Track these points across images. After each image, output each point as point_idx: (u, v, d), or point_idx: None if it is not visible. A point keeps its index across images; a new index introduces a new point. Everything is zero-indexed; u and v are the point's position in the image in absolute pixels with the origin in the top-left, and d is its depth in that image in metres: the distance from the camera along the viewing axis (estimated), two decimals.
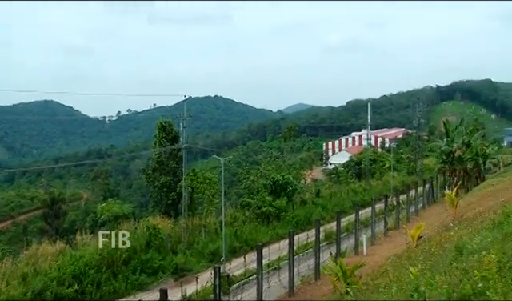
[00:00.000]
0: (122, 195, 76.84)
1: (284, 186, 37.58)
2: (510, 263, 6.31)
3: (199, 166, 64.60)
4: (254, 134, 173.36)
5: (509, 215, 10.11)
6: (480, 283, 5.85)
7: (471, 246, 8.65)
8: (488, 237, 8.93)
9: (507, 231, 8.43)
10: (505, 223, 9.56)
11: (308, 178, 55.12)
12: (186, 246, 27.89)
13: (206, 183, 33.91)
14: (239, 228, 31.32)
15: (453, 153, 43.87)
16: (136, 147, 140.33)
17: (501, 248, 7.40)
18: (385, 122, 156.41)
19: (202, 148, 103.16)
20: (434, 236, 15.18)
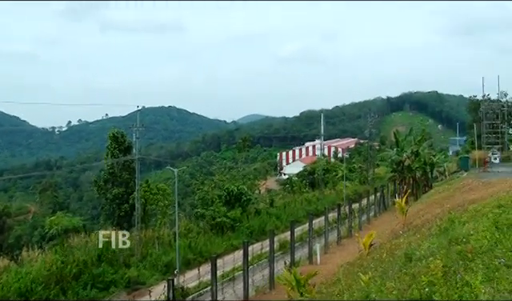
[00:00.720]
0: (72, 208, 74.60)
1: (238, 196, 37.59)
2: (455, 268, 6.55)
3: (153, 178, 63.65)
4: (208, 145, 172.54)
5: (454, 222, 10.50)
6: (427, 288, 6.04)
7: (419, 253, 8.91)
8: (435, 243, 9.23)
9: (452, 237, 8.74)
10: (450, 229, 9.92)
11: (262, 189, 55.31)
12: (139, 259, 27.36)
13: (159, 195, 33.45)
14: (193, 240, 31.02)
15: (402, 162, 45.20)
16: (87, 158, 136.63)
17: (446, 253, 7.67)
18: (338, 132, 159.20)
19: (156, 159, 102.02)
20: (384, 244, 15.55)
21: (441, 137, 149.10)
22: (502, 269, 6.12)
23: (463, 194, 23.08)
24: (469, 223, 10.11)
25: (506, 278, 5.77)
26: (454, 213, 12.10)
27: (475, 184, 26.32)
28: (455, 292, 5.71)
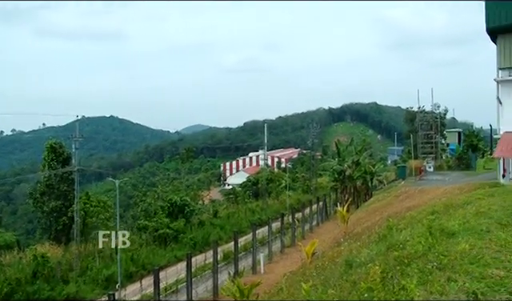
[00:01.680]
0: (4, 223, 70.89)
1: (182, 207, 37.18)
2: (392, 273, 6.76)
3: (93, 190, 61.81)
4: (151, 156, 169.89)
5: (392, 229, 10.84)
6: (366, 294, 6.19)
7: (359, 260, 9.13)
8: (374, 250, 9.49)
9: (390, 243, 9.02)
10: (388, 236, 10.23)
11: (206, 199, 54.96)
12: (79, 274, 26.42)
13: (100, 207, 32.55)
14: (136, 252, 30.35)
15: (344, 171, 46.29)
16: (22, 170, 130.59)
17: (384, 259, 7.90)
18: (281, 142, 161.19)
19: (96, 170, 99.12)
20: (326, 252, 15.81)
21: (380, 147, 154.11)
22: (435, 272, 6.38)
23: (401, 202, 23.92)
24: (406, 230, 10.47)
25: (438, 280, 6.03)
26: (392, 220, 12.51)
27: (412, 192, 27.34)
28: (392, 296, 5.89)
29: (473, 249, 7.14)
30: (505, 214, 9.64)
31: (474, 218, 9.69)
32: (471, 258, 6.78)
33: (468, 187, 20.24)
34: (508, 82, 27.28)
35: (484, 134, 60.24)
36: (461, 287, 5.75)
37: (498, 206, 10.60)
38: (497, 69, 27.87)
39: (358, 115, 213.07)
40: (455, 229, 8.72)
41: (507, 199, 11.22)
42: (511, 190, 12.53)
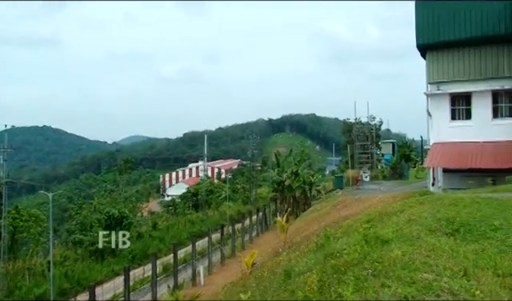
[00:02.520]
0: None
1: (119, 220, 36.25)
2: (329, 281, 6.88)
3: (24, 203, 58.92)
4: (87, 167, 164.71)
5: (329, 237, 11.05)
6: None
7: (298, 269, 9.24)
8: (312, 259, 9.63)
9: (327, 252, 9.19)
10: (326, 245, 10.42)
11: (145, 211, 53.95)
12: (6, 294, 25.05)
13: (31, 221, 31.15)
14: (70, 268, 29.22)
15: (283, 182, 46.83)
16: None
17: (322, 268, 8.04)
18: (221, 153, 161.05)
19: (28, 183, 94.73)
20: (266, 262, 15.87)
21: (319, 157, 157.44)
22: (370, 279, 6.57)
23: (338, 211, 24.48)
24: (342, 238, 10.71)
25: (373, 287, 6.21)
26: (329, 229, 12.76)
27: (349, 201, 28.05)
28: None
29: (405, 255, 7.41)
30: (434, 221, 10.09)
31: (406, 226, 10.07)
32: (403, 264, 7.03)
33: (401, 196, 21.02)
34: (436, 96, 28.72)
35: (416, 144, 63.03)
36: (393, 292, 5.95)
37: (428, 213, 11.07)
38: (426, 83, 29.29)
39: (298, 126, 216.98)
40: (389, 236, 9.01)
41: (436, 206, 11.75)
42: (439, 198, 13.13)
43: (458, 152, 26.56)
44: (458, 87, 28.33)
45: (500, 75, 27.41)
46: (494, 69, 27.56)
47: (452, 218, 10.18)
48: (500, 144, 26.27)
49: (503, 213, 10.28)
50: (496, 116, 27.76)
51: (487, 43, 27.36)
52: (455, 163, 26.10)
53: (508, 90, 27.21)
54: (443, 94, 28.55)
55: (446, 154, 26.79)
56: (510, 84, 27.06)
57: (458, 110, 28.73)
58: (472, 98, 28.19)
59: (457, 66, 28.35)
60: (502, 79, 27.34)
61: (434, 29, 28.17)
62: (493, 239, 8.54)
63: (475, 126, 27.91)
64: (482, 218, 9.94)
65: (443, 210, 11.19)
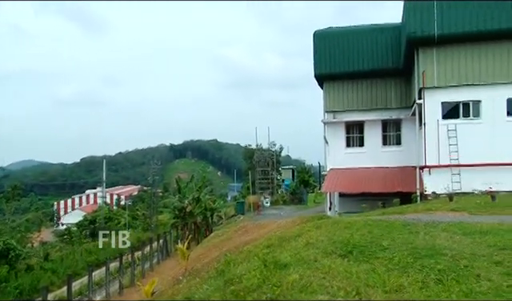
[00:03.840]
0: None
1: (5, 252, 33.43)
2: None
3: None
4: None
5: (229, 263, 11.07)
6: None
7: (198, 296, 9.12)
8: (212, 285, 9.56)
9: (228, 278, 9.19)
10: (226, 271, 10.41)
11: (36, 241, 50.35)
12: None
13: None
14: None
15: (184, 208, 46.28)
16: None
17: (222, 294, 8.02)
18: (121, 179, 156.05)
19: None
20: (166, 290, 15.47)
21: (220, 183, 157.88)
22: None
23: (240, 237, 24.58)
24: (242, 264, 10.77)
25: None
26: (230, 255, 12.79)
27: (250, 226, 28.30)
28: None
29: (302, 278, 7.62)
30: (330, 244, 10.50)
31: (303, 249, 10.37)
32: (300, 287, 7.23)
33: (300, 220, 21.61)
34: (332, 124, 30.27)
35: (314, 170, 65.60)
36: None
37: (325, 236, 11.51)
38: (323, 111, 30.79)
39: (200, 152, 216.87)
40: (287, 260, 9.22)
41: (332, 230, 12.25)
42: (335, 222, 13.71)
43: (352, 177, 28.08)
44: (352, 116, 30.16)
45: (388, 106, 29.63)
46: (383, 100, 29.73)
47: (346, 240, 10.66)
48: (388, 170, 28.25)
49: (391, 234, 10.97)
50: (385, 144, 29.85)
51: (377, 76, 29.53)
52: (350, 188, 27.53)
53: (395, 119, 29.42)
54: (339, 122, 30.19)
55: (341, 180, 28.18)
56: (396, 114, 29.28)
57: (353, 138, 30.51)
58: (364, 127, 30.12)
59: (351, 96, 30.18)
60: (390, 110, 29.57)
61: (330, 61, 29.83)
62: (382, 259, 9.05)
63: (367, 152, 29.79)
64: (372, 240, 10.51)
65: (338, 233, 11.69)
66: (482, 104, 23.12)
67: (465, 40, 22.93)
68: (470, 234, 10.51)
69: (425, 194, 23.00)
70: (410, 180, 25.97)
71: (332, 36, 29.92)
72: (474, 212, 15.40)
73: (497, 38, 22.72)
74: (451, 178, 22.43)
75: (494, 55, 22.98)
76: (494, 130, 22.84)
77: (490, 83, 22.99)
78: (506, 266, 8.18)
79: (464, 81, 23.17)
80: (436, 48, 23.24)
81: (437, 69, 23.31)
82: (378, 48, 29.20)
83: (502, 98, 22.92)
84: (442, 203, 19.11)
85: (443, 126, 23.15)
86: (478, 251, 9.12)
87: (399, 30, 28.09)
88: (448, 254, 8.98)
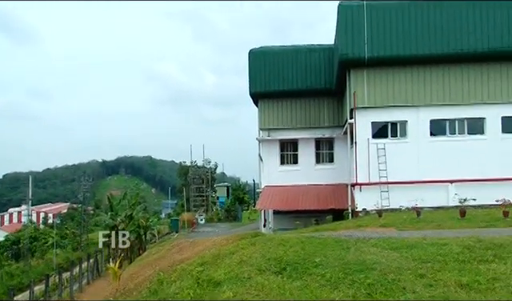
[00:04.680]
0: None
1: None
2: None
3: None
4: None
5: (162, 282, 10.87)
6: None
7: None
8: None
9: (160, 297, 9.03)
10: (159, 290, 10.23)
11: None
12: None
13: None
14: None
15: (117, 226, 44.89)
16: None
17: None
18: (48, 196, 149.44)
19: None
20: None
21: (154, 200, 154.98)
22: None
23: (173, 255, 24.16)
24: (176, 282, 10.62)
25: None
26: (163, 274, 12.56)
27: (184, 244, 27.90)
28: None
29: (235, 296, 7.62)
30: (263, 261, 10.57)
31: (237, 267, 10.38)
32: None
33: (234, 238, 21.58)
34: (267, 142, 30.64)
35: (249, 187, 65.97)
36: None
37: (259, 253, 11.57)
38: (258, 129, 31.12)
39: (133, 168, 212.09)
40: (221, 278, 9.20)
41: (266, 247, 12.34)
42: (269, 239, 13.83)
43: (286, 195, 28.45)
44: (287, 134, 30.68)
45: (322, 125, 30.44)
46: (316, 119, 30.51)
47: (280, 257, 10.78)
48: (321, 187, 28.91)
49: (323, 250, 11.21)
50: (318, 161, 30.57)
51: (311, 95, 30.31)
52: (284, 205, 27.86)
53: (328, 138, 30.24)
54: (273, 140, 30.61)
55: (275, 197, 28.48)
56: (329, 133, 30.12)
57: (287, 156, 31.00)
58: (298, 145, 30.71)
59: (285, 115, 30.72)
60: (324, 128, 30.39)
61: (265, 79, 30.29)
62: (314, 275, 9.23)
63: (301, 170, 30.35)
64: (305, 256, 10.69)
65: (272, 250, 11.79)
66: (409, 124, 24.29)
67: (393, 63, 24.07)
68: (397, 249, 10.94)
69: (356, 211, 23.71)
70: (342, 197, 26.70)
71: (267, 55, 30.45)
72: (401, 228, 16.06)
73: (422, 63, 24.03)
74: (380, 195, 23.29)
75: (418, 78, 24.27)
76: (419, 150, 24.03)
77: (416, 105, 24.22)
78: (429, 278, 8.60)
79: (392, 102, 24.25)
80: (366, 70, 24.22)
81: (367, 90, 24.27)
82: (312, 68, 30.01)
83: (426, 119, 24.20)
84: (371, 220, 19.80)
85: (373, 144, 24.05)
86: (405, 265, 9.50)
87: (332, 51, 29.05)
88: (377, 268, 9.29)
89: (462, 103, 24.06)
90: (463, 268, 9.24)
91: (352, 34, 23.72)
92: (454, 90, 24.13)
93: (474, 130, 24.28)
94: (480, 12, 23.45)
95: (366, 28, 23.64)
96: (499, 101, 23.97)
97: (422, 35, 23.60)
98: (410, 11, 23.71)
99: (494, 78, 24.04)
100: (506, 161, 23.46)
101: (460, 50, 23.43)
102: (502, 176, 23.04)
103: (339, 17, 24.16)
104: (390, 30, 23.68)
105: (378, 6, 23.79)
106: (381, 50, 23.62)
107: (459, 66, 24.03)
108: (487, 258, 9.86)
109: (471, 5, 23.54)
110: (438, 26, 23.56)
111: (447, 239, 11.72)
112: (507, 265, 9.38)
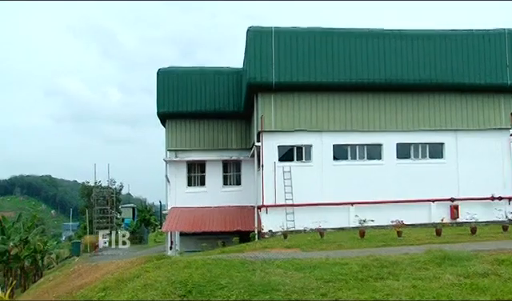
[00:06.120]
0: None
1: None
2: None
3: None
4: None
5: None
6: None
7: None
8: None
9: None
10: None
11: None
12: None
13: None
14: None
15: (9, 251, 41.76)
16: None
17: None
18: None
19: None
20: None
21: (54, 222, 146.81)
22: None
23: (73, 280, 22.98)
24: None
25: None
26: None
27: (85, 269, 26.66)
28: None
29: None
30: (168, 284, 10.38)
31: (141, 291, 10.09)
32: None
33: (139, 261, 21.02)
34: (174, 163, 30.32)
35: (156, 209, 64.62)
36: None
37: (164, 277, 11.34)
38: (166, 150, 30.74)
39: (30, 189, 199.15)
40: None
41: (171, 270, 12.13)
42: (175, 261, 13.61)
43: (193, 217, 28.24)
44: (194, 156, 30.58)
45: (230, 147, 30.73)
46: (224, 141, 30.76)
47: (185, 280, 10.65)
48: (228, 209, 29.07)
49: (229, 272, 11.24)
50: (226, 183, 30.76)
51: (219, 117, 30.56)
52: (191, 227, 27.61)
53: (236, 160, 30.56)
54: (181, 161, 30.35)
55: (182, 219, 28.15)
56: (237, 155, 30.47)
57: (194, 177, 30.85)
58: (206, 167, 30.71)
59: (193, 136, 30.66)
60: (231, 150, 30.69)
61: (173, 99, 30.08)
62: (220, 297, 9.22)
63: (209, 192, 30.34)
64: (211, 278, 10.65)
65: (178, 273, 11.62)
66: (313, 148, 25.22)
67: (299, 89, 24.94)
68: (302, 269, 11.26)
69: (262, 233, 24.05)
70: (248, 219, 26.97)
71: (176, 75, 30.29)
72: (305, 249, 16.55)
73: (326, 90, 25.15)
74: (286, 217, 23.83)
75: (323, 105, 25.35)
76: (323, 173, 25.01)
77: (320, 130, 25.24)
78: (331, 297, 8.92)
79: (298, 126, 25.07)
80: (274, 95, 24.87)
81: (274, 114, 24.91)
82: (221, 90, 30.30)
83: (330, 144, 25.29)
84: (277, 241, 20.21)
85: (279, 167, 24.64)
86: (308, 285, 9.79)
87: (241, 74, 29.56)
88: (281, 289, 9.48)
89: (363, 130, 25.47)
90: (362, 286, 9.71)
91: (260, 58, 24.30)
92: (355, 117, 25.50)
93: (372, 156, 25.77)
94: (378, 44, 25.14)
95: (274, 53, 24.35)
96: (394, 129, 25.71)
97: (327, 63, 24.76)
98: (316, 40, 24.82)
99: (390, 107, 25.78)
100: (401, 184, 25.11)
101: (360, 80, 24.88)
102: (396, 198, 24.61)
103: (248, 41, 24.70)
104: (296, 56, 24.58)
105: (286, 33, 24.66)
106: (288, 75, 24.41)
107: (360, 95, 25.48)
108: (383, 276, 10.45)
109: (371, 37, 25.18)
110: (341, 56, 24.87)
111: (348, 259, 12.26)
112: (399, 281, 10.01)
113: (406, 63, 25.26)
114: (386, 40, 25.28)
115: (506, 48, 26.00)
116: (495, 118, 26.49)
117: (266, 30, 24.50)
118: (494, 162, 26.13)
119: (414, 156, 26.05)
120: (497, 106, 26.53)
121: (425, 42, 25.57)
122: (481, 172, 25.74)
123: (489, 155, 26.07)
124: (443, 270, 10.83)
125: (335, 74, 24.71)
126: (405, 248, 14.69)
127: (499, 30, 26.26)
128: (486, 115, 26.45)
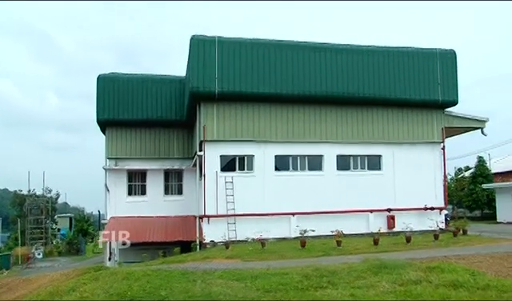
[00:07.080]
0: None
1: None
2: None
3: None
4: None
5: None
6: None
7: None
8: None
9: None
10: None
11: None
12: None
13: None
14: None
15: None
16: None
17: None
18: None
19: None
20: None
21: None
22: None
23: (1, 296, 21.83)
24: None
25: None
26: None
27: (15, 283, 25.36)
28: None
29: None
30: (106, 297, 10.08)
31: None
32: None
33: (76, 272, 20.26)
34: (114, 171, 29.61)
35: (94, 218, 62.61)
36: None
37: (101, 289, 11.01)
38: (105, 158, 29.96)
39: None
40: None
41: (109, 282, 11.79)
42: (114, 273, 13.25)
43: (133, 226, 27.60)
44: (135, 164, 30.00)
45: (171, 156, 30.38)
46: (166, 150, 30.39)
47: (124, 292, 10.39)
48: (169, 219, 28.71)
49: (169, 283, 11.07)
50: (167, 193, 30.36)
51: (162, 126, 30.17)
52: (131, 238, 26.95)
53: (177, 169, 30.25)
54: (121, 169, 29.68)
55: (122, 229, 27.44)
56: (179, 165, 30.17)
57: (135, 186, 30.26)
58: (147, 176, 30.20)
59: (134, 144, 30.08)
60: (173, 160, 30.37)
61: (113, 106, 29.42)
62: None
63: (149, 201, 29.82)
64: (151, 290, 10.45)
65: (116, 284, 11.31)
66: (255, 159, 25.36)
67: (241, 99, 25.01)
68: (243, 280, 11.26)
69: (204, 243, 23.85)
70: (190, 229, 26.70)
71: (117, 81, 29.63)
72: (246, 259, 16.57)
73: (268, 101, 25.38)
74: (228, 227, 23.78)
75: (265, 115, 25.54)
76: (265, 183, 25.18)
77: (262, 140, 25.43)
78: None
79: (240, 136, 25.13)
80: (216, 104, 24.81)
81: (217, 123, 24.85)
82: (163, 98, 29.93)
83: (271, 154, 25.51)
84: (219, 251, 20.12)
85: (221, 177, 24.57)
86: (249, 295, 9.81)
87: (184, 83, 29.34)
88: (222, 299, 9.44)
89: (304, 141, 25.90)
90: (302, 295, 9.83)
91: (203, 67, 24.20)
92: (296, 128, 25.89)
93: (313, 167, 26.24)
94: (320, 58, 25.72)
95: (217, 63, 24.32)
96: (335, 140, 26.33)
97: (269, 74, 25.02)
98: (259, 50, 25.04)
99: (330, 119, 26.39)
100: (340, 195, 25.72)
101: (302, 91, 25.32)
102: (336, 209, 25.17)
103: (191, 50, 24.58)
104: (239, 66, 24.68)
105: (230, 43, 24.72)
106: (230, 85, 24.45)
107: (301, 106, 25.92)
108: (323, 285, 10.64)
109: (313, 50, 25.72)
110: (283, 67, 25.22)
111: (289, 269, 12.39)
112: (338, 290, 10.23)
113: (346, 77, 25.98)
114: (328, 54, 25.91)
115: (437, 67, 27.37)
116: (428, 132, 27.75)
117: (209, 39, 24.46)
118: (428, 174, 27.34)
119: (354, 167, 26.78)
120: (430, 121, 27.81)
121: (364, 57, 26.43)
122: (415, 184, 26.84)
123: (422, 168, 27.26)
124: (380, 279, 11.17)
125: (277, 85, 25.02)
126: (344, 257, 15.04)
127: (432, 49, 27.61)
128: (420, 130, 27.65)
